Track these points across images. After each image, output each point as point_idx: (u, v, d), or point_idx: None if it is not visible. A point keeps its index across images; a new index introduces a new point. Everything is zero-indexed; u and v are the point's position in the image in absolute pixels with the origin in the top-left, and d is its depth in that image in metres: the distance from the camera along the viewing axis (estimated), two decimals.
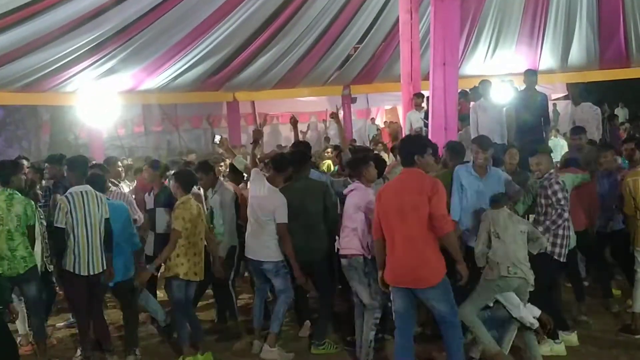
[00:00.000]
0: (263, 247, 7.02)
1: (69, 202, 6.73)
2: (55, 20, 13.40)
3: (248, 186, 8.02)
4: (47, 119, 26.66)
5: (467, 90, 12.68)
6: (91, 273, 6.78)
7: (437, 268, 5.60)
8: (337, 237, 7.10)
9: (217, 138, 7.98)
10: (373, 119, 26.60)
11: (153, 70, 17.22)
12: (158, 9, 14.57)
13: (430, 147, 6.12)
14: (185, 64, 17.34)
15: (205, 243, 7.19)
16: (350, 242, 6.64)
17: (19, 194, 7.16)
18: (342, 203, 6.94)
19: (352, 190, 6.77)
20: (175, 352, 7.26)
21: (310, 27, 17.30)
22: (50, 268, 7.71)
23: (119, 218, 7.18)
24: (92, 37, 14.48)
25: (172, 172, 8.09)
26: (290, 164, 7.36)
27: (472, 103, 11.70)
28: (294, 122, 9.28)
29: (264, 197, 7.06)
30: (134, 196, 8.97)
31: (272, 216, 6.98)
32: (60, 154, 9.11)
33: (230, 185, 8.12)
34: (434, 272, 5.60)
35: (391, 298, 5.98)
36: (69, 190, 6.90)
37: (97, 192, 6.94)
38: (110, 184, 8.32)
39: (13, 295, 6.94)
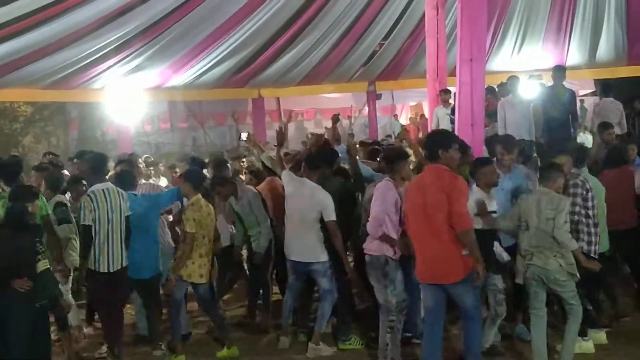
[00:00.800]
0: (310, 248, 6.95)
1: (91, 200, 6.77)
2: (83, 18, 13.52)
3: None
4: (75, 116, 26.99)
5: (494, 86, 12.59)
6: (111, 270, 6.79)
7: (461, 263, 5.60)
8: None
9: (244, 135, 7.98)
10: (396, 116, 26.53)
11: (179, 67, 17.32)
12: (184, 7, 14.64)
13: (456, 142, 6.08)
14: (211, 60, 17.41)
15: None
16: (371, 240, 6.59)
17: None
18: None
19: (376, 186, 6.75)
20: (198, 345, 7.31)
21: (335, 23, 17.26)
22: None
23: (149, 212, 7.18)
24: (120, 34, 14.60)
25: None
26: (323, 162, 7.35)
27: (500, 99, 11.60)
28: (335, 119, 9.24)
29: (309, 196, 6.97)
30: None
31: (319, 215, 6.92)
32: (90, 150, 9.16)
33: (250, 186, 8.11)
34: (458, 268, 5.60)
35: (422, 295, 5.98)
36: (90, 189, 6.94)
37: (118, 189, 6.95)
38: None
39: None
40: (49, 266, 5.84)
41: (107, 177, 7.36)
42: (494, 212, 6.40)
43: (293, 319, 7.54)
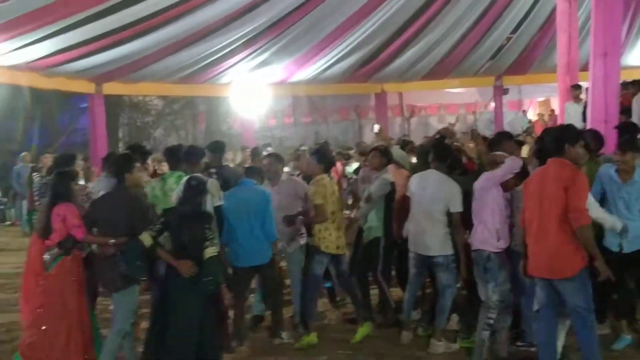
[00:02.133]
0: (435, 241, 6.89)
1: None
2: (211, 15, 13.89)
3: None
4: (203, 110, 27.86)
5: (629, 81, 12.00)
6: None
7: (572, 260, 5.41)
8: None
9: (377, 127, 7.94)
10: (525, 111, 25.79)
11: (304, 62, 17.53)
12: (310, 3, 14.78)
13: (583, 139, 5.87)
14: (334, 56, 17.52)
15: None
16: (474, 235, 6.46)
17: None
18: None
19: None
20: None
21: (462, 16, 16.95)
22: None
23: (254, 202, 7.18)
24: (246, 30, 14.91)
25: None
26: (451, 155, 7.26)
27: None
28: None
29: (437, 187, 6.90)
30: None
31: (446, 206, 6.85)
32: (219, 141, 9.23)
33: (391, 176, 7.99)
34: (568, 264, 5.42)
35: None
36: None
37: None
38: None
39: None
40: (216, 253, 5.84)
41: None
42: None
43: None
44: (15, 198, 16.53)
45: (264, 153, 10.23)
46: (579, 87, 12.27)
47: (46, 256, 6.02)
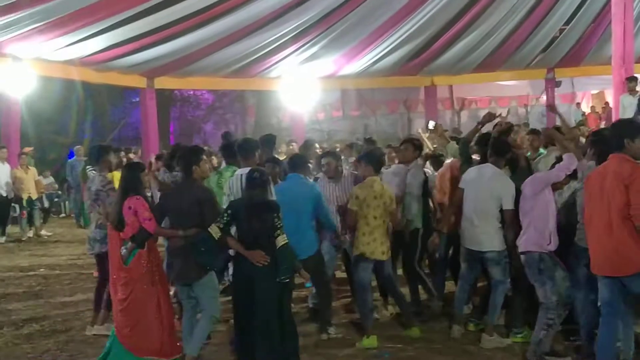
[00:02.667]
0: (487, 236, 6.81)
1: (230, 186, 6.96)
2: (261, 9, 13.98)
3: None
4: (252, 103, 28.04)
5: None
6: None
7: (636, 256, 5.28)
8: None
9: (432, 124, 7.85)
10: (579, 104, 25.34)
11: (353, 55, 17.50)
12: None
13: None
14: (384, 48, 17.45)
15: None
16: (523, 238, 6.34)
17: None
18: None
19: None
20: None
21: (514, 8, 16.71)
22: None
23: (302, 196, 7.16)
24: (296, 24, 14.96)
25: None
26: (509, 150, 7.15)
27: None
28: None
29: (492, 183, 6.82)
30: None
31: (498, 202, 6.77)
32: (271, 134, 9.22)
33: (424, 169, 7.96)
34: (631, 261, 5.28)
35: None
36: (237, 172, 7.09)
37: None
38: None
39: None
40: (287, 241, 5.76)
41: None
42: None
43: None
44: (70, 191, 16.85)
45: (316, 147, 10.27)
46: (634, 79, 12.01)
47: (123, 250, 6.07)
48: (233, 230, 5.79)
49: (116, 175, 8.07)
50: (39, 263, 11.41)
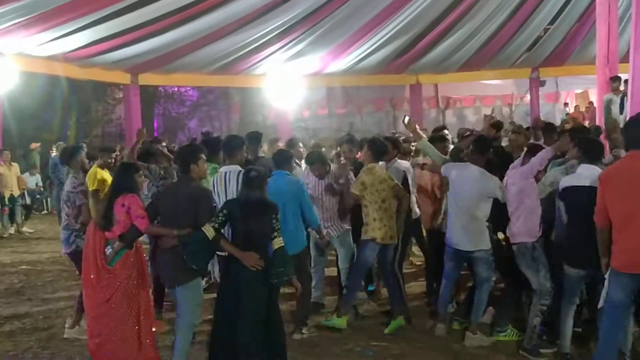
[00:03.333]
0: (475, 235, 6.83)
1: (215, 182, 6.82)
2: (248, 5, 13.92)
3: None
4: (237, 101, 27.98)
5: None
6: None
7: None
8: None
9: (407, 119, 7.84)
10: (567, 104, 25.47)
11: (338, 53, 17.48)
12: None
13: None
14: (370, 47, 17.44)
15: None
16: (514, 229, 6.49)
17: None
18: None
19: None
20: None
21: (499, 7, 16.74)
22: None
23: (288, 193, 7.12)
24: (282, 21, 14.91)
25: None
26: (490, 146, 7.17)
27: None
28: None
29: (477, 181, 6.82)
30: None
31: (485, 200, 6.80)
32: (257, 131, 9.14)
33: (402, 165, 7.98)
34: None
35: (607, 286, 5.58)
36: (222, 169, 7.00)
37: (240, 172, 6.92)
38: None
39: None
40: (284, 244, 5.71)
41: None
42: None
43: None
44: (52, 187, 16.74)
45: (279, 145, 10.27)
46: (618, 78, 12.05)
47: (108, 250, 5.88)
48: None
49: (100, 174, 8.05)
50: (21, 260, 11.34)
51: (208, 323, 6.35)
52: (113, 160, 8.84)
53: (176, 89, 26.91)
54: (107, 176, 7.96)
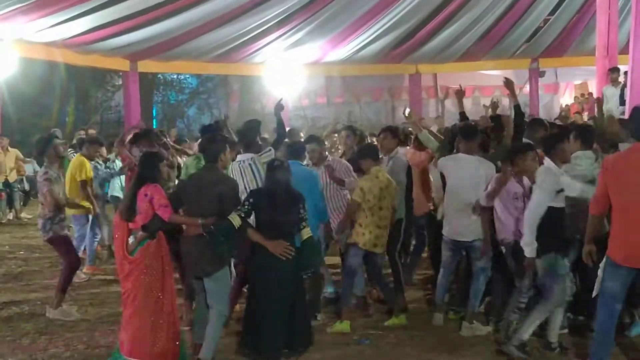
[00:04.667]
0: (473, 226, 6.85)
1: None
2: None
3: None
4: (236, 89, 27.91)
5: None
6: None
7: None
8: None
9: (407, 110, 7.83)
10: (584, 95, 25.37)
11: (338, 42, 17.46)
12: None
13: None
14: (369, 36, 17.43)
15: None
16: (504, 228, 6.51)
17: None
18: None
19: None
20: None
21: None
22: None
23: (306, 183, 7.13)
24: (281, 9, 14.88)
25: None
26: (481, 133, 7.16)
27: None
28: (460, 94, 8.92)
29: (474, 172, 6.82)
30: None
31: (483, 188, 6.79)
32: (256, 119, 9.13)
33: (404, 155, 7.97)
34: None
35: (602, 276, 5.57)
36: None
37: (255, 162, 6.89)
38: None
39: None
40: (312, 234, 5.71)
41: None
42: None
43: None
44: None
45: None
46: (617, 70, 12.06)
47: (130, 239, 5.80)
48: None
49: (82, 162, 8.34)
50: (19, 245, 11.35)
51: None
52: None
53: (175, 76, 26.85)
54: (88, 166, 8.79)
